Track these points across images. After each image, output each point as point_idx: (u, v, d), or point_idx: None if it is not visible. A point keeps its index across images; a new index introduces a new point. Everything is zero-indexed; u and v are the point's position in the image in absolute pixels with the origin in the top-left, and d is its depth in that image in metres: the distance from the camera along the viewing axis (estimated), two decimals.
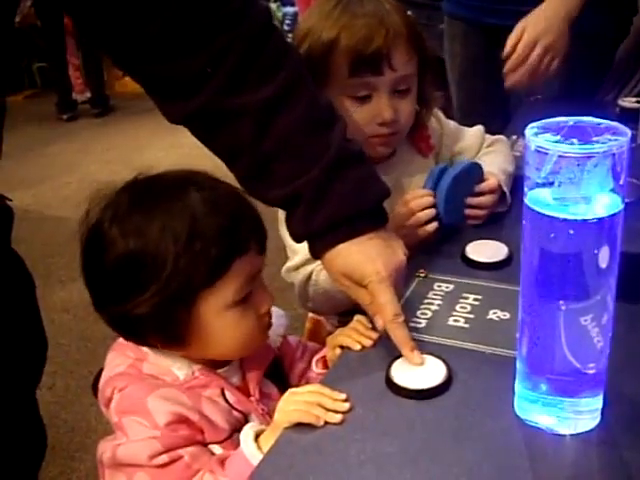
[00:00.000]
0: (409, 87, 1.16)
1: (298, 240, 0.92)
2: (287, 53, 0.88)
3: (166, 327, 0.84)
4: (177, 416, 0.83)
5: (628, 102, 1.71)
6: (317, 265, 1.11)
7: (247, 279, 0.86)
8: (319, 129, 0.87)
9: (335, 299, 1.09)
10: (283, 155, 0.85)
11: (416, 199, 1.13)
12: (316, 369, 1.01)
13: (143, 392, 0.84)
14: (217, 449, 0.86)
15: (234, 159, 0.87)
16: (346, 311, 1.02)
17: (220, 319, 0.85)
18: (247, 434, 0.82)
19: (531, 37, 1.51)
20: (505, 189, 1.22)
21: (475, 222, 1.21)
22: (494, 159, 1.29)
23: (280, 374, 1.01)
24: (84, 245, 0.86)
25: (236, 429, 0.86)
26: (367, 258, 0.86)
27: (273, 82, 0.84)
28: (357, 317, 0.94)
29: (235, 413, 0.88)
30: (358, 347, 0.91)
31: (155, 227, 0.81)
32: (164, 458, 0.81)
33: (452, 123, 1.34)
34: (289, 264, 1.17)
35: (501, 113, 1.72)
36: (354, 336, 0.92)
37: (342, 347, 0.93)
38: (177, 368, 0.88)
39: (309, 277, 1.13)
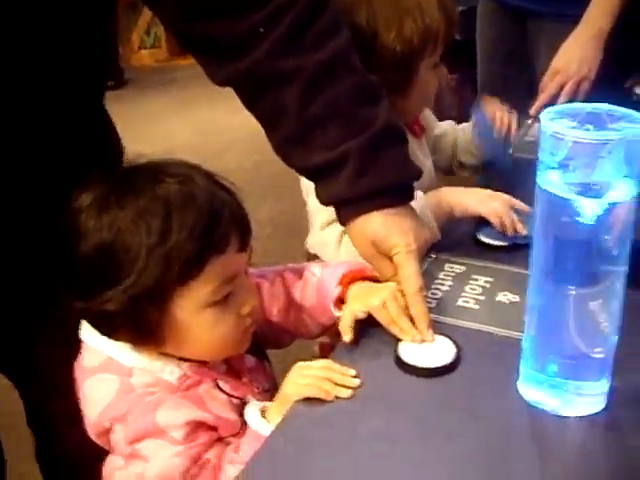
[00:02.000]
0: None
1: (331, 203, 0.92)
2: (339, 25, 0.88)
3: (139, 324, 0.79)
4: (192, 424, 0.80)
5: None
6: None
7: (225, 279, 0.80)
8: (368, 100, 0.88)
9: None
10: (330, 120, 0.85)
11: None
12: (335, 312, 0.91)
13: (148, 412, 0.80)
14: (236, 442, 0.83)
15: (277, 122, 0.87)
16: None
17: (195, 318, 0.80)
18: (252, 411, 0.82)
19: (552, 69, 1.59)
20: None
21: None
22: None
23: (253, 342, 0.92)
24: (61, 231, 0.81)
25: (242, 416, 0.85)
26: (400, 229, 0.88)
27: (326, 48, 0.84)
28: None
29: (234, 400, 0.86)
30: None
31: (129, 219, 0.77)
32: (195, 470, 0.79)
33: (427, 111, 1.39)
34: (322, 221, 1.11)
35: (521, 96, 1.71)
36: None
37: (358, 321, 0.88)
38: (168, 373, 0.83)
39: None
